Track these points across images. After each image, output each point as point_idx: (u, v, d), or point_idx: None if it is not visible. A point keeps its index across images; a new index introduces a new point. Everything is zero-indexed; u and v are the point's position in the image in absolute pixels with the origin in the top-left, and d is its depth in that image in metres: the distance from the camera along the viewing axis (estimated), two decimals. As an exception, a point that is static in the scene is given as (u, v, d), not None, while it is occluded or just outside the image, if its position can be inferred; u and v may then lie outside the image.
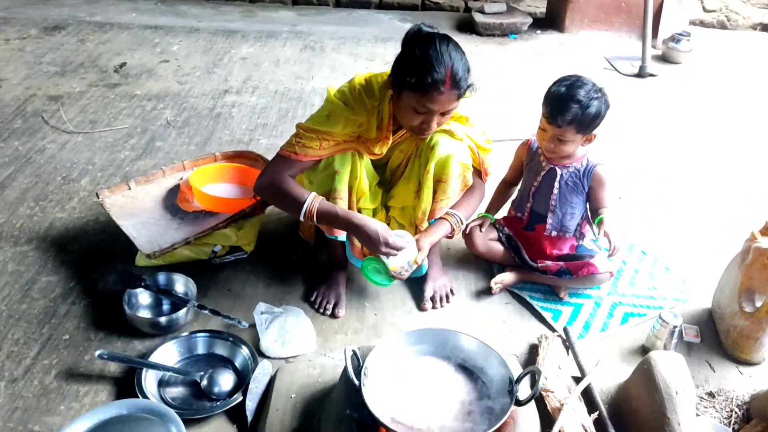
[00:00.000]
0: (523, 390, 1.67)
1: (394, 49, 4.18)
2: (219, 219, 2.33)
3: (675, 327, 2.03)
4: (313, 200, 1.98)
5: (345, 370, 1.70)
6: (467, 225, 2.36)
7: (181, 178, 2.52)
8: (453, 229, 2.17)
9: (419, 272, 2.29)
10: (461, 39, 4.32)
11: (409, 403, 1.66)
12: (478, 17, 4.44)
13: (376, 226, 1.95)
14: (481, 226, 2.39)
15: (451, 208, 2.20)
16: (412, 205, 2.20)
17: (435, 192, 2.13)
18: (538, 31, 4.52)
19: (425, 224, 2.17)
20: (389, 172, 2.28)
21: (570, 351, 2.04)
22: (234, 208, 2.36)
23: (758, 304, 2.02)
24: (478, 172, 2.24)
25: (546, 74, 3.84)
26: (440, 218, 2.17)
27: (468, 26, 4.52)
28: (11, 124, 3.19)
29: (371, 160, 2.17)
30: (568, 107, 2.07)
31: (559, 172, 2.25)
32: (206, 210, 2.40)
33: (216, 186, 2.51)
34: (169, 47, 4.06)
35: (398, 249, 1.98)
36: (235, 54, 4.00)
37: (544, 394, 1.84)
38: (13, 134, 3.11)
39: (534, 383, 1.62)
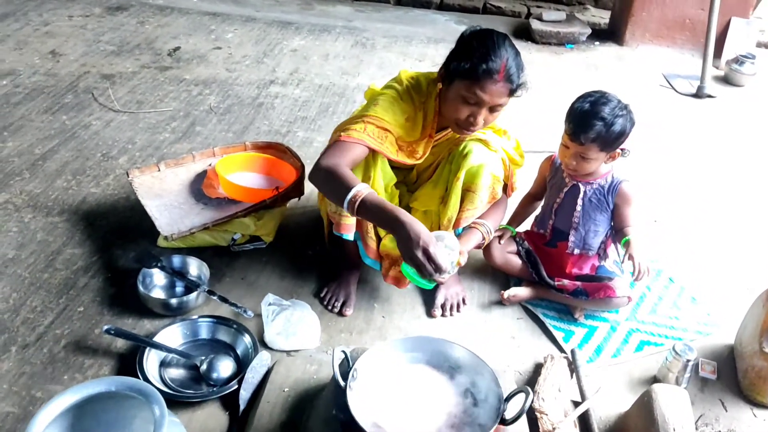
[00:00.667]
0: (514, 408, 1.63)
1: (444, 51, 4.11)
2: (240, 207, 2.36)
3: (688, 360, 1.94)
4: (361, 189, 1.77)
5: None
6: None
7: (210, 164, 2.56)
8: (484, 239, 2.15)
9: (430, 285, 2.23)
10: (515, 43, 4.29)
11: (394, 409, 1.64)
12: (535, 24, 4.36)
13: (421, 229, 1.70)
14: (500, 237, 2.35)
15: (478, 218, 2.17)
16: (435, 210, 2.17)
17: (462, 200, 2.10)
18: (597, 43, 4.40)
19: (450, 232, 2.13)
20: (416, 173, 2.26)
21: (574, 374, 1.98)
22: (255, 197, 2.39)
23: (780, 345, 1.92)
24: (504, 186, 2.20)
25: (598, 87, 3.75)
26: (471, 227, 2.15)
27: (524, 33, 4.44)
28: (62, 99, 3.30)
29: (404, 164, 2.13)
30: (592, 124, 2.01)
31: (582, 188, 2.19)
32: (229, 198, 2.43)
33: (242, 175, 2.54)
34: (223, 35, 4.13)
35: (434, 262, 1.70)
36: (287, 46, 4.04)
37: (538, 415, 1.79)
38: (63, 108, 3.23)
39: (524, 403, 1.58)
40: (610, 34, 4.51)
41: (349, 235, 2.11)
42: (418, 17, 4.72)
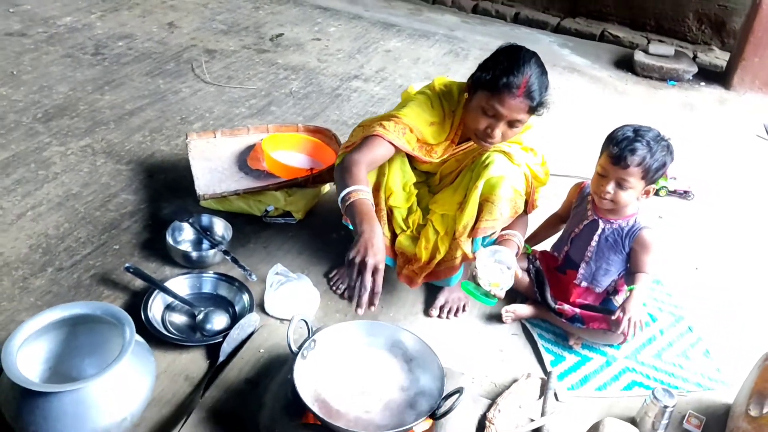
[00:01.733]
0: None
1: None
2: (275, 181, 2.51)
3: (666, 407, 1.87)
4: (355, 190, 1.83)
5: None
6: None
7: (261, 139, 2.74)
8: (519, 249, 2.16)
9: (446, 283, 2.27)
10: (612, 74, 4.20)
11: (339, 382, 1.72)
12: (638, 56, 4.22)
13: (372, 243, 1.71)
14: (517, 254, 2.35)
15: (507, 229, 2.18)
16: (452, 215, 2.21)
17: (481, 210, 2.12)
18: (702, 84, 4.20)
19: (465, 238, 2.17)
20: (439, 176, 2.31)
21: (542, 395, 1.96)
22: (291, 175, 2.53)
23: (765, 410, 1.80)
24: (525, 202, 2.20)
25: (686, 129, 3.62)
26: (506, 239, 2.15)
27: (626, 63, 4.31)
28: (164, 66, 3.63)
29: (424, 161, 2.19)
30: (637, 148, 1.97)
31: (601, 225, 2.14)
32: (269, 171, 2.59)
33: (287, 153, 2.70)
34: (326, 27, 4.34)
35: (362, 278, 1.70)
36: (382, 45, 4.19)
37: (487, 424, 1.80)
38: (162, 74, 3.54)
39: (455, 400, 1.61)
40: (719, 76, 4.29)
41: None
42: (523, 35, 4.72)
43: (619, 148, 1.98)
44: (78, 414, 1.61)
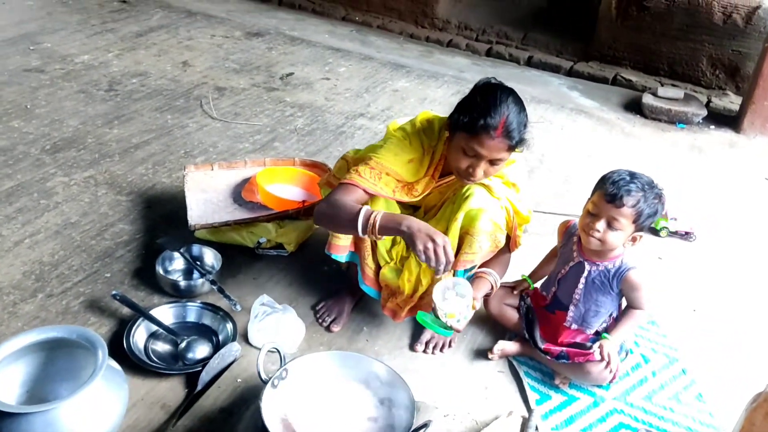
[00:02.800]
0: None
1: (542, 111, 4.15)
2: (266, 213, 2.53)
3: (649, 449, 1.81)
4: (369, 211, 1.90)
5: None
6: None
7: (257, 172, 2.77)
8: (492, 288, 2.17)
9: (446, 332, 2.19)
10: (620, 116, 4.19)
11: (309, 412, 1.70)
12: (647, 98, 4.21)
13: (427, 226, 1.86)
14: (514, 288, 2.32)
15: (482, 266, 2.18)
16: None
17: (461, 243, 2.12)
18: (712, 127, 4.16)
19: (464, 279, 2.15)
20: (423, 209, 2.31)
21: (522, 433, 1.91)
22: (283, 207, 2.55)
23: (752, 455, 1.73)
24: (508, 239, 2.19)
25: (694, 170, 3.58)
26: (479, 276, 2.17)
27: (635, 106, 4.29)
28: (174, 102, 3.71)
29: (406, 201, 2.19)
30: (633, 190, 1.95)
31: (587, 267, 2.11)
32: (262, 204, 2.61)
33: (282, 186, 2.73)
34: (337, 68, 4.42)
35: (441, 255, 1.82)
36: (390, 85, 4.24)
37: (460, 460, 1.76)
38: (170, 109, 3.62)
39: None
40: (730, 120, 4.24)
41: (340, 256, 2.19)
42: (533, 77, 4.74)
43: (615, 187, 1.95)
44: (48, 436, 1.62)
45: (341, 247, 2.19)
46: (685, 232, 2.96)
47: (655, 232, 2.97)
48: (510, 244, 2.21)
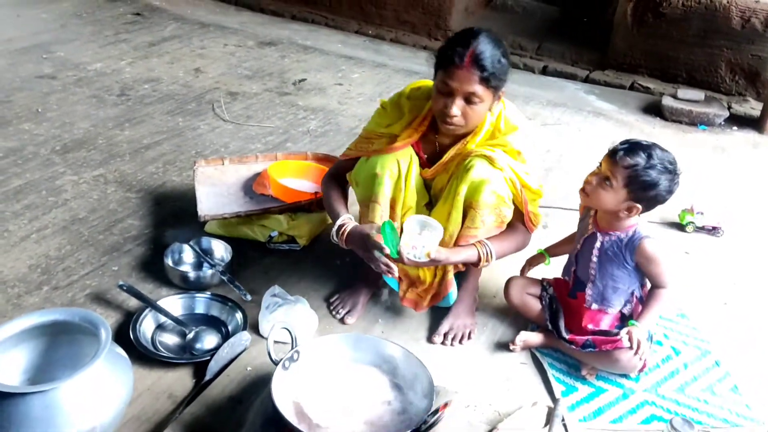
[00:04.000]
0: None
1: (560, 114, 4.07)
2: (278, 205, 2.46)
3: (685, 438, 1.69)
4: (345, 221, 2.04)
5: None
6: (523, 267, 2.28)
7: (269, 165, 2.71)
8: (479, 258, 2.03)
9: (446, 302, 2.17)
10: (640, 119, 4.10)
11: (322, 395, 1.61)
12: (667, 101, 4.12)
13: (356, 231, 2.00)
14: (531, 263, 2.24)
15: (489, 239, 2.07)
16: (445, 227, 2.11)
17: (465, 218, 2.03)
18: (734, 128, 4.06)
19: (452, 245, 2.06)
20: (433, 193, 2.23)
21: (548, 424, 1.80)
22: (295, 198, 2.48)
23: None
24: (521, 215, 2.09)
25: (718, 170, 3.48)
26: (471, 244, 2.05)
27: (654, 109, 4.21)
28: (186, 105, 3.67)
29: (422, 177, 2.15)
30: (636, 153, 1.88)
31: (599, 238, 2.02)
32: (274, 196, 2.54)
33: (295, 181, 2.66)
34: (350, 74, 4.37)
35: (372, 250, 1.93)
36: (404, 90, 4.18)
37: (484, 448, 1.65)
38: (182, 113, 3.58)
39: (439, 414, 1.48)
40: (752, 122, 4.14)
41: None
42: (548, 83, 4.68)
43: (621, 146, 1.88)
44: (46, 419, 1.53)
45: None
46: (712, 227, 2.85)
47: (681, 227, 2.87)
48: (525, 222, 2.10)
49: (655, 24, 4.82)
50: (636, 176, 1.87)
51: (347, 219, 2.05)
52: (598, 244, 2.02)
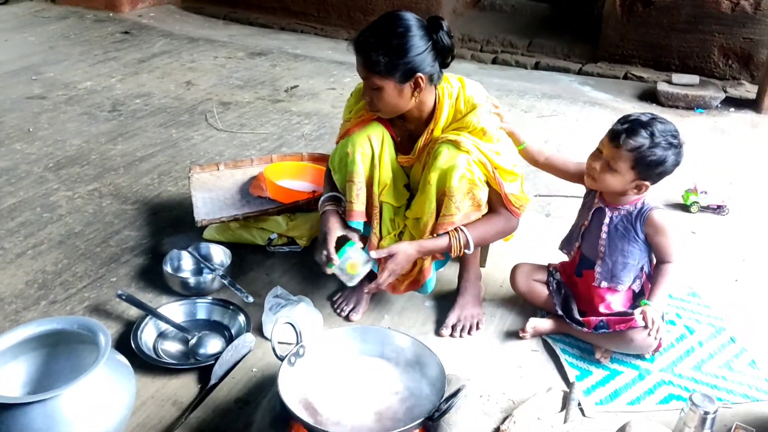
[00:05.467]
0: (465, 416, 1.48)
1: (555, 105, 4.04)
2: (275, 206, 2.42)
3: (707, 413, 1.64)
4: (323, 201, 2.08)
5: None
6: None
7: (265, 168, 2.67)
8: (450, 246, 1.97)
9: (424, 290, 2.10)
10: (636, 106, 4.07)
11: (331, 391, 1.56)
12: (662, 86, 4.09)
13: (327, 230, 2.01)
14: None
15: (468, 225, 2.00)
16: (420, 216, 2.04)
17: (440, 206, 1.97)
18: (731, 109, 4.02)
19: (427, 238, 2.00)
20: (412, 185, 2.18)
21: (565, 408, 1.75)
22: (292, 198, 2.44)
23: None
24: (500, 199, 2.01)
25: (718, 151, 3.45)
26: (442, 228, 1.98)
27: (650, 95, 4.18)
28: (178, 117, 3.64)
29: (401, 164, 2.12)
30: (639, 133, 1.83)
31: (608, 213, 1.97)
32: (271, 198, 2.50)
33: (291, 182, 2.62)
34: (342, 78, 4.35)
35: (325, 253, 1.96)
36: (397, 90, 4.15)
37: (503, 428, 1.60)
38: (175, 124, 3.55)
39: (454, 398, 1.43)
40: (749, 103, 4.11)
41: (358, 222, 2.05)
42: (542, 76, 4.65)
43: (621, 127, 1.84)
44: (48, 429, 1.48)
45: (357, 213, 2.04)
46: (717, 206, 2.81)
47: (686, 208, 2.83)
48: (506, 205, 2.01)
49: (645, 13, 4.80)
50: (642, 158, 1.83)
51: (331, 204, 2.08)
52: (606, 220, 1.97)
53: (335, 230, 2.01)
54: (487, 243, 2.09)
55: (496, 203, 2.01)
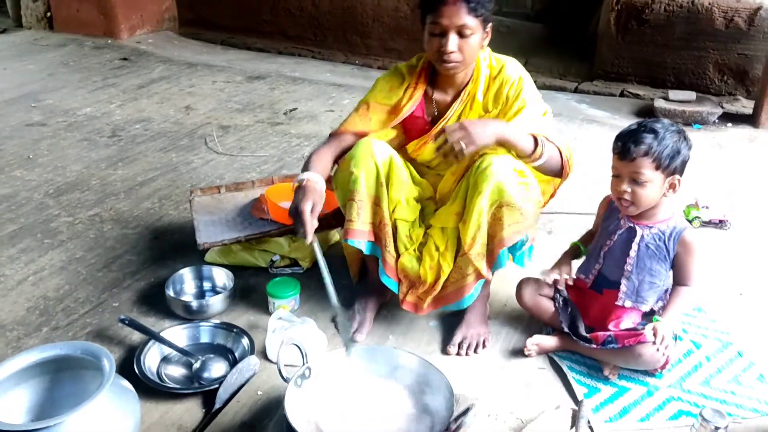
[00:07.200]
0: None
1: (555, 124, 4.03)
2: (277, 228, 2.41)
3: (717, 428, 1.62)
4: (303, 177, 2.00)
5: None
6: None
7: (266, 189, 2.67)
8: (534, 152, 1.94)
9: (459, 306, 2.09)
10: (634, 121, 4.07)
11: (338, 414, 1.54)
12: (659, 103, 4.11)
13: (300, 202, 1.91)
14: (571, 256, 2.14)
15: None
16: (452, 228, 2.06)
17: (498, 218, 1.96)
18: (729, 124, 4.04)
19: (477, 253, 2.00)
20: (439, 196, 2.19)
21: (574, 426, 1.73)
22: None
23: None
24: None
25: (718, 166, 3.46)
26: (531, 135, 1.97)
27: (647, 113, 4.18)
28: (178, 141, 3.65)
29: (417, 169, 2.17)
30: (642, 137, 1.83)
31: (639, 232, 1.96)
32: (273, 219, 2.49)
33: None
34: (340, 100, 4.37)
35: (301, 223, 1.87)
36: (396, 111, 4.17)
37: (510, 455, 1.58)
38: (175, 148, 3.56)
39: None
40: (746, 117, 4.14)
41: (358, 242, 2.06)
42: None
43: (623, 141, 1.85)
44: (49, 458, 1.46)
45: (357, 232, 2.05)
46: (719, 221, 2.81)
47: (688, 223, 2.82)
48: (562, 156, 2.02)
49: (640, 31, 4.84)
50: (659, 154, 1.82)
51: (311, 177, 2.00)
52: (637, 239, 1.96)
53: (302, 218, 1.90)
54: (547, 168, 2.04)
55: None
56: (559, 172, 2.06)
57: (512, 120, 2.00)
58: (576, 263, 2.17)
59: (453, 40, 1.94)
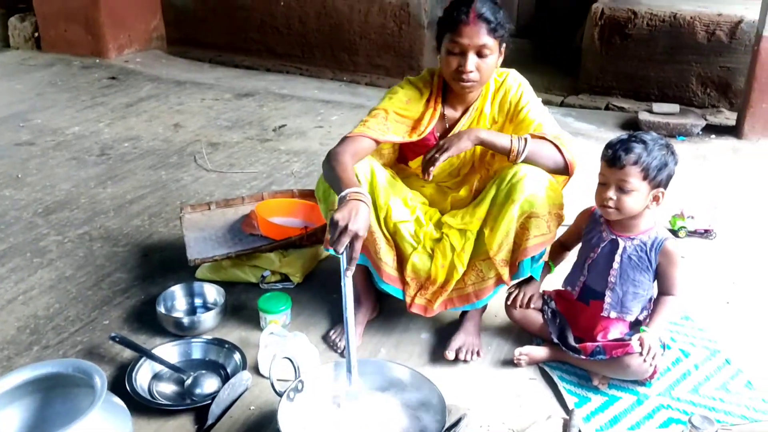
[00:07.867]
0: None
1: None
2: (268, 243, 2.43)
3: (707, 435, 1.64)
4: (353, 192, 1.79)
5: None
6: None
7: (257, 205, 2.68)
8: (510, 148, 1.97)
9: (473, 307, 2.12)
10: (619, 134, 4.12)
11: (331, 428, 1.55)
12: (643, 116, 4.17)
13: (362, 214, 1.74)
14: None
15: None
16: (474, 231, 2.07)
17: (525, 227, 1.99)
18: (713, 136, 4.10)
19: (502, 259, 2.02)
20: (450, 203, 2.21)
21: (565, 435, 1.75)
22: (284, 235, 2.45)
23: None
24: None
25: (701, 178, 3.51)
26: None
27: (632, 125, 4.24)
28: (167, 159, 3.66)
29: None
30: (632, 147, 1.87)
31: (622, 243, 1.99)
32: (263, 235, 2.51)
33: (284, 219, 2.63)
34: (329, 117, 4.40)
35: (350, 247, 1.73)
36: (384, 127, 4.21)
37: (502, 465, 1.59)
38: (164, 166, 3.57)
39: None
40: (729, 129, 4.20)
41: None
42: (526, 110, 4.73)
43: (613, 149, 1.88)
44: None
45: None
46: (704, 230, 2.85)
47: (674, 233, 2.86)
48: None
49: (623, 45, 4.91)
50: (648, 165, 1.86)
51: (362, 195, 1.80)
52: (620, 250, 1.99)
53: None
54: (537, 163, 2.03)
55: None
56: (562, 166, 2.06)
57: (535, 131, 2.05)
58: (561, 275, 2.20)
59: (472, 60, 1.97)
